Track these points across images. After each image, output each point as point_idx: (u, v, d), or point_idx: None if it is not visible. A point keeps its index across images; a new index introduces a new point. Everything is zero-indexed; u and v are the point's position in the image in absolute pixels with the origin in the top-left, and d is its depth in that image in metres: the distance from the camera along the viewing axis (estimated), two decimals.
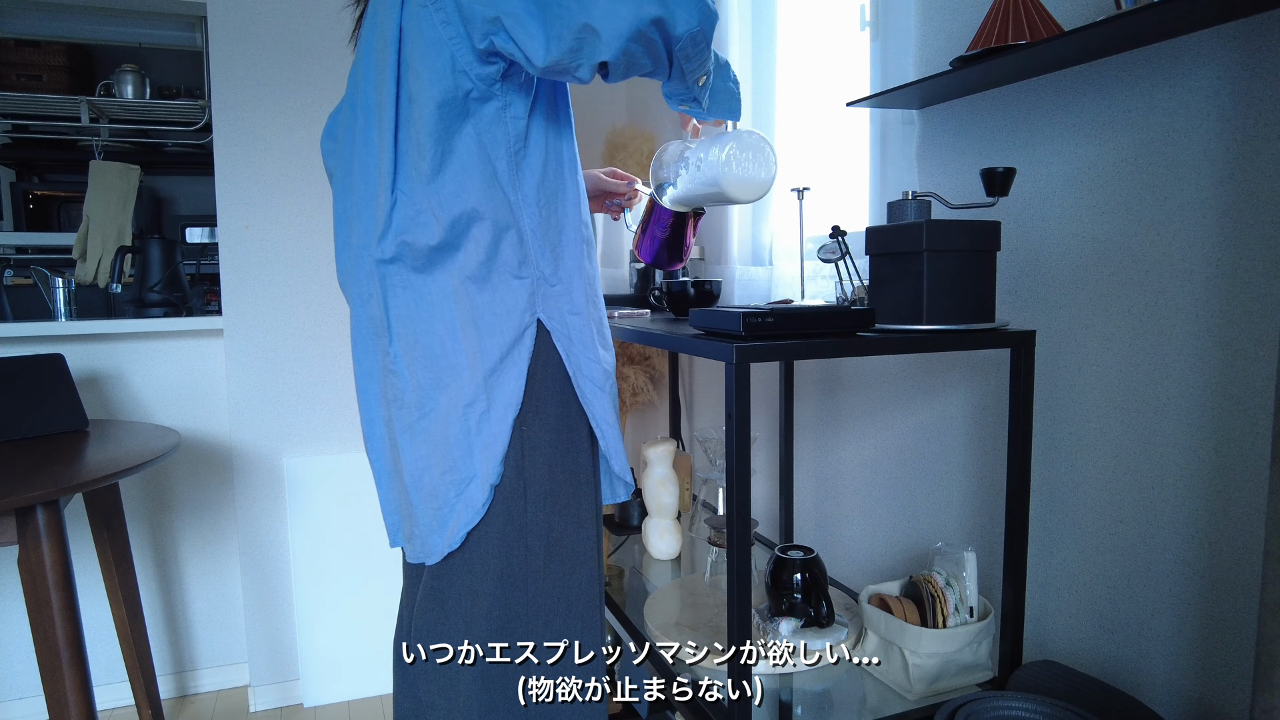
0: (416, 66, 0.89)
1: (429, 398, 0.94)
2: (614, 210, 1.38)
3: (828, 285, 1.53)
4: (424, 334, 0.94)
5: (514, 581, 0.95)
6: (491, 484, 0.92)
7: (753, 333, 0.92)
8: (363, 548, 2.23)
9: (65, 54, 3.28)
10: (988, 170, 0.98)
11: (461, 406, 0.93)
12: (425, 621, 0.98)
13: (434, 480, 0.95)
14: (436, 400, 0.94)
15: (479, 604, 0.94)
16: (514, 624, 0.95)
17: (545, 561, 0.96)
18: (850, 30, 1.59)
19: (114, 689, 2.21)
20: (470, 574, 0.94)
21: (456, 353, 0.93)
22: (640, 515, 1.94)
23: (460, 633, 0.95)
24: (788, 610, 1.21)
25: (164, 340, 2.19)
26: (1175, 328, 0.96)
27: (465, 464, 0.93)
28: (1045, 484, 1.14)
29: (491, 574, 0.94)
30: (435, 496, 0.95)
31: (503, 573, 0.94)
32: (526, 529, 0.95)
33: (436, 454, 0.94)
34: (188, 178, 3.84)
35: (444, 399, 0.94)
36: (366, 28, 1.00)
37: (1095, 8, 1.02)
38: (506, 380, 0.93)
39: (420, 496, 0.96)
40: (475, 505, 0.93)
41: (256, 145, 2.15)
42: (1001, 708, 0.91)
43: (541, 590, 0.96)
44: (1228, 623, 0.92)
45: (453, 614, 0.95)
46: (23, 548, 1.37)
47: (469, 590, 0.95)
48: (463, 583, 0.95)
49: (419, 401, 0.95)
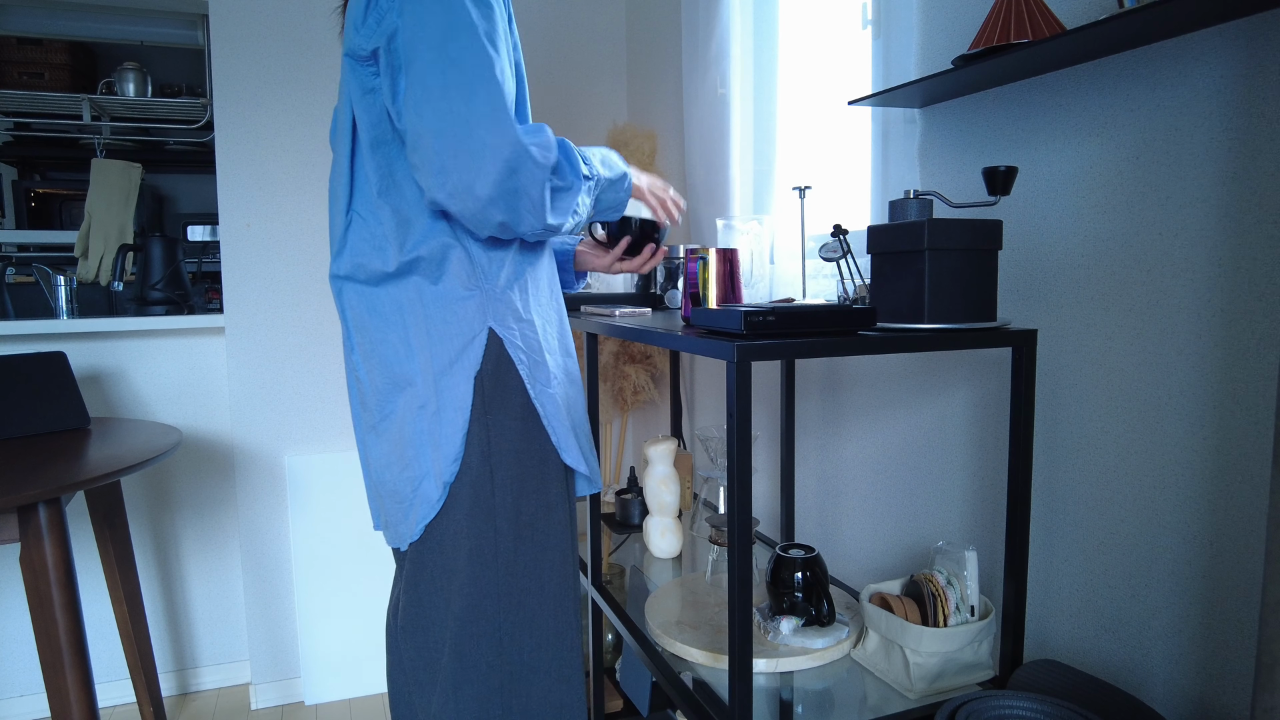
0: (358, 106, 0.99)
1: (387, 400, 1.02)
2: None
3: (829, 284, 1.53)
4: (379, 342, 1.01)
5: (484, 560, 1.00)
6: (445, 481, 0.98)
7: (754, 331, 0.92)
8: (364, 546, 2.23)
9: (67, 52, 3.28)
10: (989, 169, 0.98)
11: (415, 409, 0.99)
12: (408, 600, 1.04)
13: (394, 477, 1.01)
14: (395, 403, 1.01)
15: (453, 581, 1.00)
16: (487, 601, 1.00)
17: (515, 543, 1.02)
18: (852, 28, 1.59)
19: (115, 686, 2.21)
20: (443, 554, 1.00)
21: (410, 359, 1.00)
22: (641, 514, 1.94)
23: (439, 609, 1.01)
24: (789, 609, 1.21)
25: (165, 338, 2.20)
26: (1177, 327, 0.96)
27: (419, 463, 1.00)
28: (1046, 483, 1.14)
29: (462, 553, 1.00)
30: (395, 493, 1.02)
31: (472, 552, 1.00)
32: (495, 512, 1.00)
33: (395, 453, 1.01)
34: (189, 176, 3.85)
35: (400, 401, 1.00)
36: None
37: (1097, 6, 1.02)
38: (456, 384, 0.99)
39: (384, 492, 1.04)
40: (430, 500, 0.99)
41: (258, 143, 2.15)
42: (1002, 707, 0.91)
43: (513, 570, 1.01)
44: (1229, 622, 0.92)
45: (429, 592, 1.02)
46: (25, 545, 1.37)
47: (443, 568, 1.01)
48: (437, 563, 1.01)
49: (379, 404, 1.02)
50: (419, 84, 0.89)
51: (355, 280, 1.02)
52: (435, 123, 0.88)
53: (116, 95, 3.19)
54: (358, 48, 0.96)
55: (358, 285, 1.02)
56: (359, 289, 1.02)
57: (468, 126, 0.87)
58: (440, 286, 0.99)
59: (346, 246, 1.02)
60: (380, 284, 1.00)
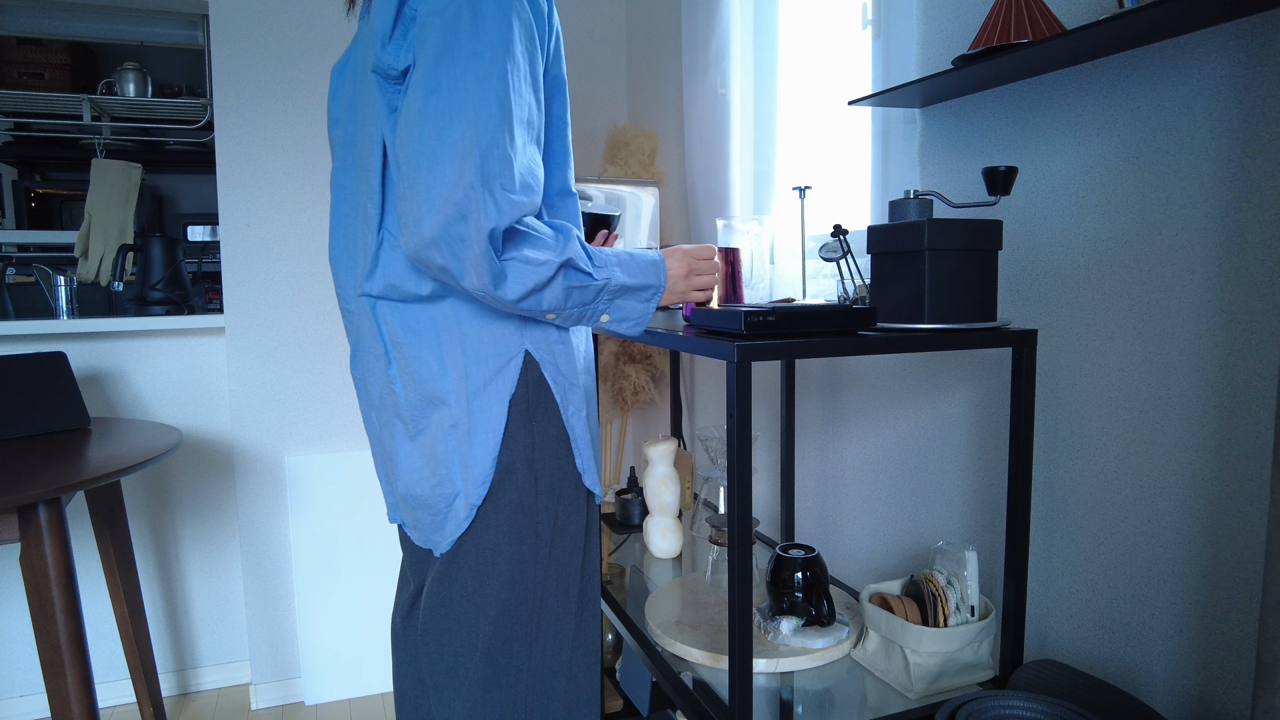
0: (385, 125, 0.93)
1: (421, 416, 0.99)
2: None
3: (829, 284, 1.53)
4: (413, 359, 0.98)
5: (524, 566, 0.98)
6: (473, 504, 0.96)
7: (754, 331, 0.92)
8: (364, 545, 2.23)
9: (67, 52, 3.28)
10: (989, 169, 0.98)
11: (447, 427, 0.97)
12: (435, 602, 1.01)
13: (426, 491, 0.99)
14: (429, 419, 0.98)
15: (489, 585, 0.98)
16: (522, 607, 0.99)
17: (551, 548, 1.00)
18: (852, 29, 1.59)
19: (115, 686, 2.21)
20: (482, 558, 0.98)
21: (443, 378, 0.96)
22: (641, 514, 1.94)
23: (470, 613, 0.99)
24: (789, 609, 1.21)
25: (165, 338, 2.20)
26: (1177, 327, 0.96)
27: (450, 481, 0.97)
28: (1046, 483, 1.14)
29: (504, 558, 0.98)
30: (428, 506, 1.00)
31: (515, 557, 0.98)
32: (537, 517, 0.99)
33: (427, 467, 0.99)
34: (189, 176, 3.85)
35: (435, 418, 0.98)
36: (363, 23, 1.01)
37: (1097, 6, 1.02)
38: (489, 405, 0.96)
39: (416, 503, 1.01)
40: (459, 519, 0.97)
41: (258, 143, 2.15)
42: (1002, 707, 0.91)
43: (548, 575, 1.00)
44: (1229, 622, 0.92)
45: (462, 595, 0.99)
46: (25, 545, 1.37)
47: (479, 573, 0.98)
48: (473, 566, 0.98)
49: (413, 419, 0.99)
50: (406, 103, 0.84)
51: (389, 300, 0.98)
52: (407, 148, 0.82)
53: (116, 95, 3.19)
54: (386, 65, 0.89)
55: (392, 303, 0.98)
56: (394, 305, 0.98)
57: (433, 158, 0.80)
58: (478, 305, 0.95)
59: (379, 266, 0.98)
60: (416, 302, 0.97)
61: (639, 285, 0.96)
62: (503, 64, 0.83)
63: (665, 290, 1.01)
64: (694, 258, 1.04)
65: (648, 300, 0.98)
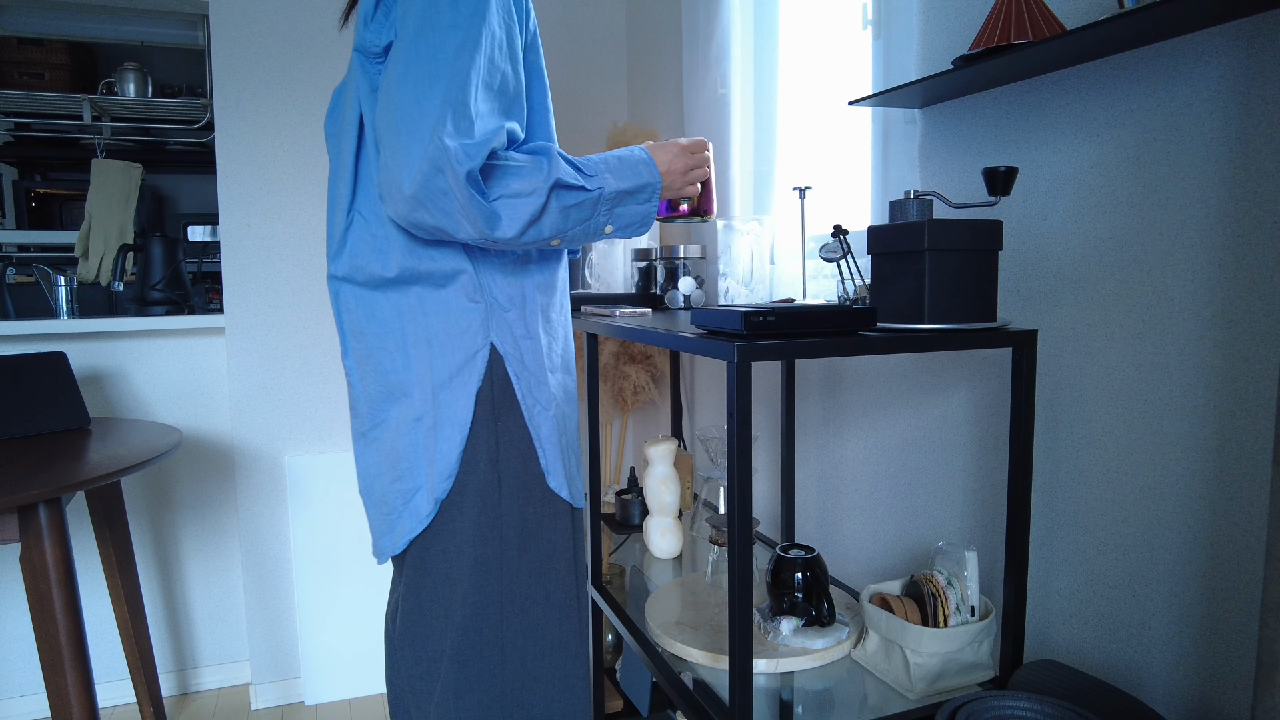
0: (365, 103, 0.94)
1: (380, 409, 0.98)
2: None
3: (829, 284, 1.53)
4: (376, 349, 0.97)
5: (488, 569, 0.97)
6: (437, 498, 0.95)
7: (754, 331, 0.92)
8: (364, 546, 2.23)
9: (67, 52, 3.28)
10: (990, 169, 0.98)
11: (410, 420, 0.96)
12: (406, 608, 1.01)
13: (383, 488, 0.98)
14: (388, 412, 0.97)
15: (455, 589, 0.97)
16: (489, 609, 0.98)
17: (519, 551, 0.99)
18: (852, 29, 1.59)
19: (115, 686, 2.21)
20: (446, 561, 0.97)
21: (407, 369, 0.96)
22: (641, 514, 1.94)
23: (439, 618, 0.98)
24: (789, 609, 1.21)
25: (166, 338, 2.20)
26: (1177, 327, 0.96)
27: (412, 476, 0.96)
28: (1047, 483, 1.14)
29: (467, 561, 0.97)
30: (384, 503, 0.99)
31: (477, 560, 0.97)
32: (501, 520, 0.97)
33: (386, 463, 0.98)
34: (189, 176, 3.85)
35: (395, 411, 0.97)
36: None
37: (1098, 7, 1.02)
38: (455, 399, 0.95)
39: (370, 501, 1.01)
40: (420, 515, 0.96)
41: (258, 143, 2.15)
42: (1002, 707, 0.91)
43: (516, 579, 0.99)
44: (1229, 622, 0.92)
45: (430, 600, 0.99)
46: (25, 545, 1.37)
47: (446, 577, 0.97)
48: (439, 570, 0.98)
49: (370, 412, 0.99)
50: (386, 73, 0.86)
51: (353, 282, 0.98)
52: (386, 115, 0.84)
53: (117, 95, 3.19)
54: (368, 44, 0.92)
55: (355, 287, 0.98)
56: (356, 291, 0.98)
57: (411, 122, 0.82)
58: (445, 294, 0.94)
59: (346, 247, 0.98)
60: (380, 288, 0.96)
61: (634, 188, 0.95)
62: (479, 33, 0.85)
63: (664, 188, 0.99)
64: (689, 152, 1.03)
65: (646, 201, 0.97)
